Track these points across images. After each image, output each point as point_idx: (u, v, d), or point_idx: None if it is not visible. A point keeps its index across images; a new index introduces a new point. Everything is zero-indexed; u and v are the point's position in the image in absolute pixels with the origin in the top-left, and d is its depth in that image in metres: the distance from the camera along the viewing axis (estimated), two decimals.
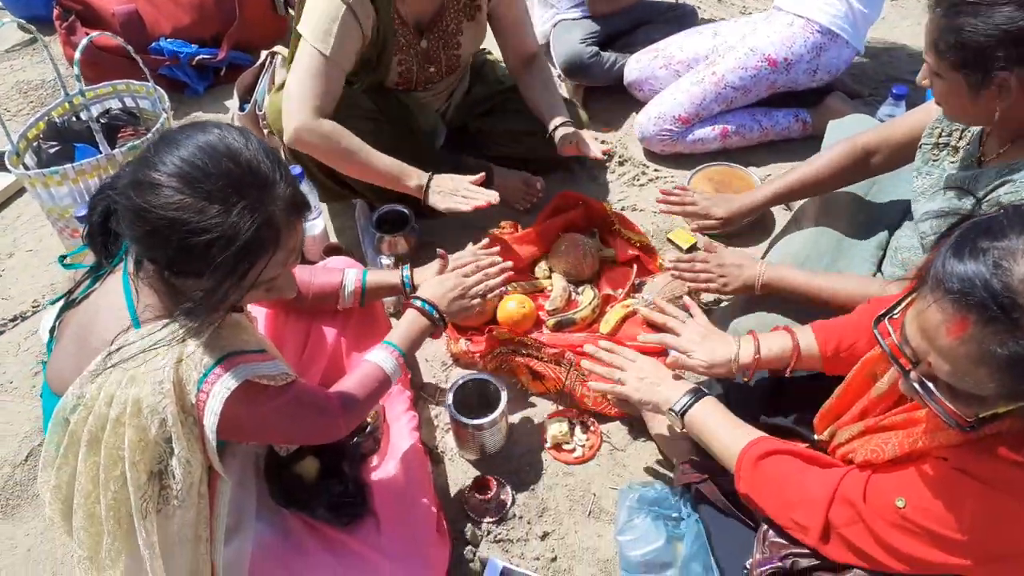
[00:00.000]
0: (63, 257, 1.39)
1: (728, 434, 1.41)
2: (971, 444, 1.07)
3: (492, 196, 1.91)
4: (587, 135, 2.22)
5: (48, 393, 1.27)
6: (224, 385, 1.15)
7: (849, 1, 2.30)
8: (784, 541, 1.34)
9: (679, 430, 1.51)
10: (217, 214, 1.06)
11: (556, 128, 2.15)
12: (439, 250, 1.76)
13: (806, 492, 1.26)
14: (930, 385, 1.00)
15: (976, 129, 1.56)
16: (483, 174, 1.97)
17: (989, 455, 1.05)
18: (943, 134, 1.64)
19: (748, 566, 1.35)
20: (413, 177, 1.95)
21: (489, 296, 1.68)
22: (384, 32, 1.99)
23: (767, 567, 1.32)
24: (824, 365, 1.49)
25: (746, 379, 1.55)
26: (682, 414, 1.47)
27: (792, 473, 1.30)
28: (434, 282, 1.65)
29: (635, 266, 2.15)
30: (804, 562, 1.30)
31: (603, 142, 2.59)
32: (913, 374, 1.02)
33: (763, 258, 1.89)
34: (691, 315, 1.66)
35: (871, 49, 2.87)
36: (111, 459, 1.19)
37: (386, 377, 1.47)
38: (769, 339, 1.53)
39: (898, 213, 1.91)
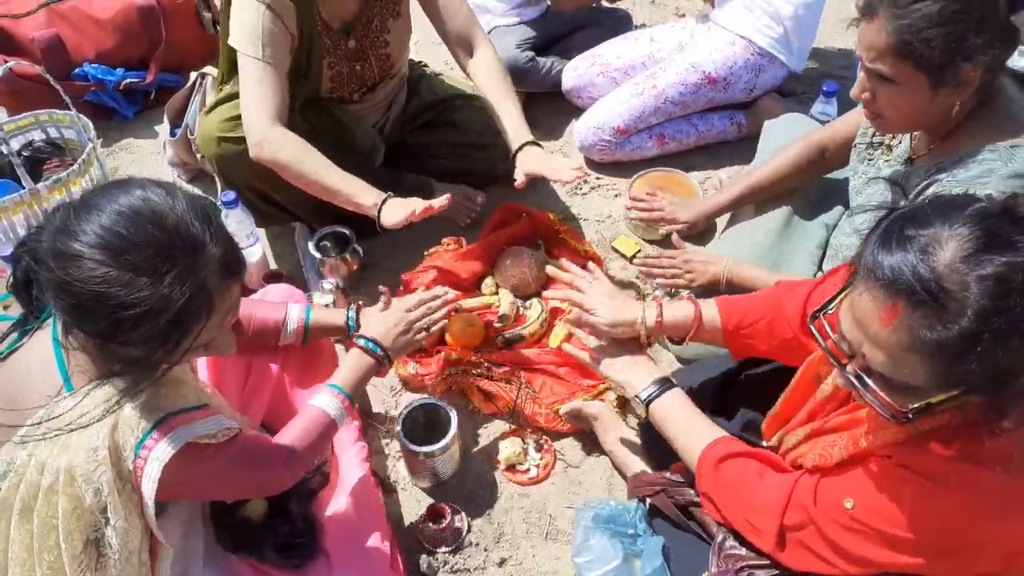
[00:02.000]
0: None
1: (691, 430, 1.41)
2: (912, 441, 1.09)
3: (437, 202, 1.84)
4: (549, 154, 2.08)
5: None
6: (162, 450, 1.11)
7: (784, 25, 2.33)
8: (740, 552, 1.34)
9: (643, 417, 1.50)
10: (146, 286, 1.01)
11: (519, 149, 2.04)
12: (381, 287, 1.74)
13: (762, 496, 1.27)
14: (866, 378, 1.02)
15: None
16: (447, 196, 1.89)
17: (927, 450, 1.06)
18: (876, 134, 1.67)
19: None
20: (371, 196, 1.89)
21: (433, 329, 1.67)
22: (309, 33, 1.95)
23: None
24: (725, 338, 1.51)
25: (649, 344, 1.56)
26: (647, 403, 1.46)
27: (750, 477, 1.31)
28: (377, 319, 1.63)
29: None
30: (760, 573, 1.31)
31: (568, 159, 2.54)
32: (849, 367, 1.03)
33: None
34: (595, 278, 1.66)
35: None
36: (44, 528, 1.14)
37: (331, 422, 1.44)
38: (673, 306, 1.55)
39: (837, 211, 1.94)
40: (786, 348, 1.45)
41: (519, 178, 1.97)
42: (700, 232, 2.22)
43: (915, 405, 1.00)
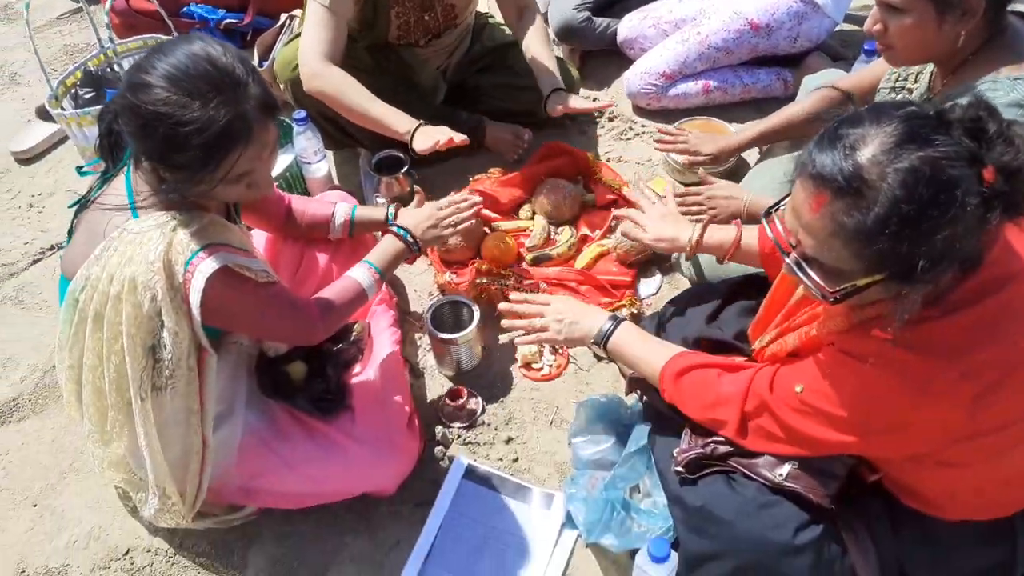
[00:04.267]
0: (80, 167, 1.59)
1: (648, 354, 1.53)
2: (854, 329, 1.20)
3: (459, 137, 2.06)
4: (579, 97, 2.33)
5: (63, 280, 1.47)
6: (208, 265, 1.33)
7: None
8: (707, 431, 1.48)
9: (605, 358, 1.63)
10: (197, 108, 1.24)
11: (548, 96, 2.29)
12: (416, 187, 1.93)
13: (722, 393, 1.39)
14: (804, 264, 1.14)
15: (928, 69, 1.67)
16: (451, 137, 2.07)
17: (866, 336, 1.17)
18: (899, 79, 1.75)
19: (675, 454, 1.49)
20: (403, 123, 2.11)
21: (460, 227, 1.83)
22: None
23: (690, 453, 1.46)
24: (761, 261, 1.63)
25: (687, 258, 1.73)
26: (604, 343, 1.58)
27: (709, 381, 1.43)
28: (411, 212, 1.83)
29: (613, 209, 2.30)
30: (723, 448, 1.44)
31: (595, 99, 2.73)
32: (791, 255, 1.16)
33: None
34: (660, 199, 1.83)
35: (858, 16, 2.95)
36: (112, 333, 1.38)
37: (362, 290, 1.63)
38: (716, 228, 1.68)
39: None
40: None
41: (553, 111, 2.23)
42: (732, 172, 2.34)
43: (842, 287, 1.11)
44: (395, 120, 2.12)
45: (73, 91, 2.44)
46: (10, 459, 1.89)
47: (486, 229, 2.23)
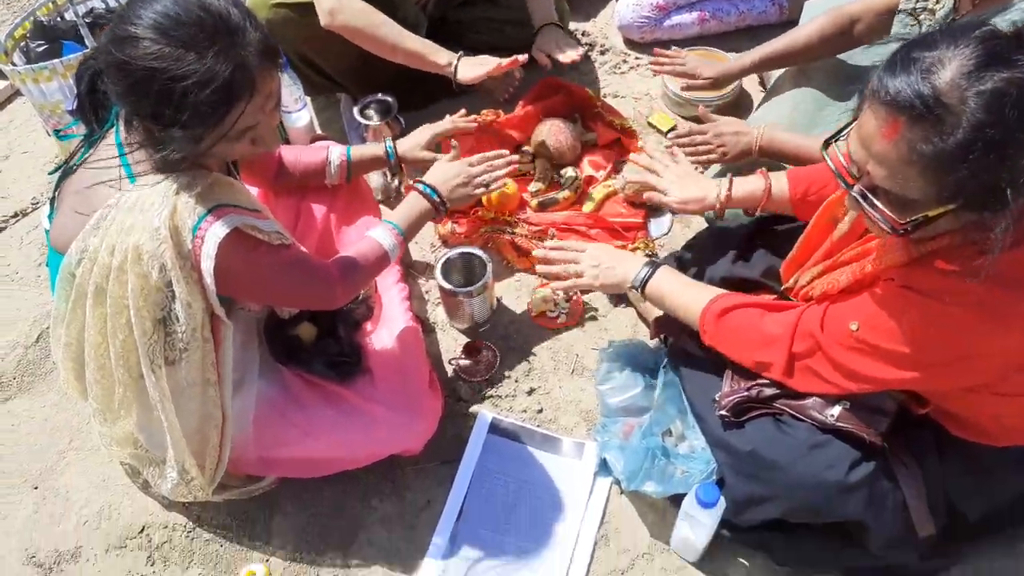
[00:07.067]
0: (58, 131, 1.44)
1: (688, 296, 1.48)
2: (914, 263, 1.16)
3: (507, 60, 2.03)
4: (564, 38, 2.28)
5: (54, 255, 1.34)
6: (218, 229, 1.22)
7: None
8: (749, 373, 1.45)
9: (642, 303, 1.58)
10: (193, 60, 1.11)
11: (538, 30, 2.24)
12: (453, 141, 1.82)
13: (768, 333, 1.35)
14: (870, 195, 1.08)
15: None
16: (515, 57, 2.05)
17: (929, 269, 1.13)
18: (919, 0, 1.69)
19: (717, 398, 1.46)
20: (443, 55, 2.04)
21: (492, 187, 1.72)
22: None
23: (734, 397, 1.43)
24: (792, 208, 1.57)
25: (718, 216, 1.64)
26: (642, 287, 1.54)
27: (753, 320, 1.39)
28: (440, 168, 1.69)
29: (616, 148, 2.22)
30: (768, 391, 1.41)
31: (583, 33, 2.62)
32: (856, 187, 1.10)
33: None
34: (674, 160, 1.75)
35: None
36: (117, 307, 1.26)
37: (385, 253, 1.52)
38: (743, 180, 1.61)
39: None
40: None
41: (539, 58, 2.20)
42: (736, 105, 2.27)
43: (913, 217, 1.06)
44: (434, 52, 2.05)
45: (23, 44, 2.23)
46: (2, 442, 1.78)
47: None
